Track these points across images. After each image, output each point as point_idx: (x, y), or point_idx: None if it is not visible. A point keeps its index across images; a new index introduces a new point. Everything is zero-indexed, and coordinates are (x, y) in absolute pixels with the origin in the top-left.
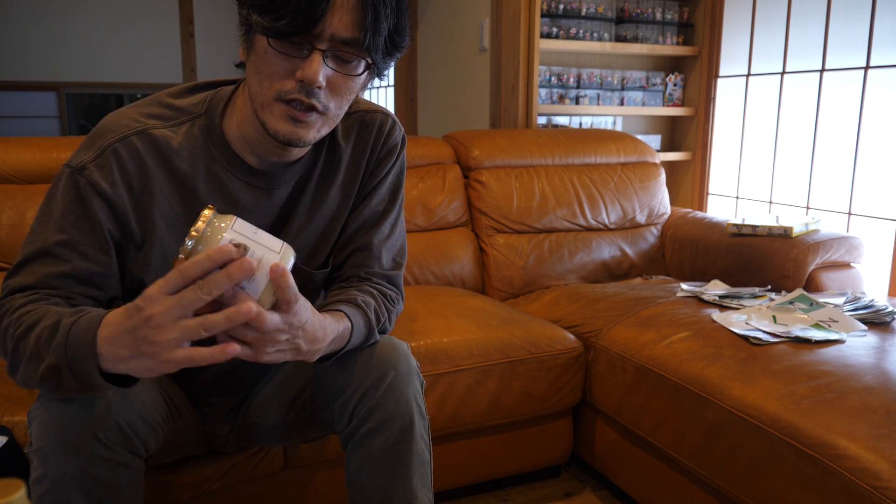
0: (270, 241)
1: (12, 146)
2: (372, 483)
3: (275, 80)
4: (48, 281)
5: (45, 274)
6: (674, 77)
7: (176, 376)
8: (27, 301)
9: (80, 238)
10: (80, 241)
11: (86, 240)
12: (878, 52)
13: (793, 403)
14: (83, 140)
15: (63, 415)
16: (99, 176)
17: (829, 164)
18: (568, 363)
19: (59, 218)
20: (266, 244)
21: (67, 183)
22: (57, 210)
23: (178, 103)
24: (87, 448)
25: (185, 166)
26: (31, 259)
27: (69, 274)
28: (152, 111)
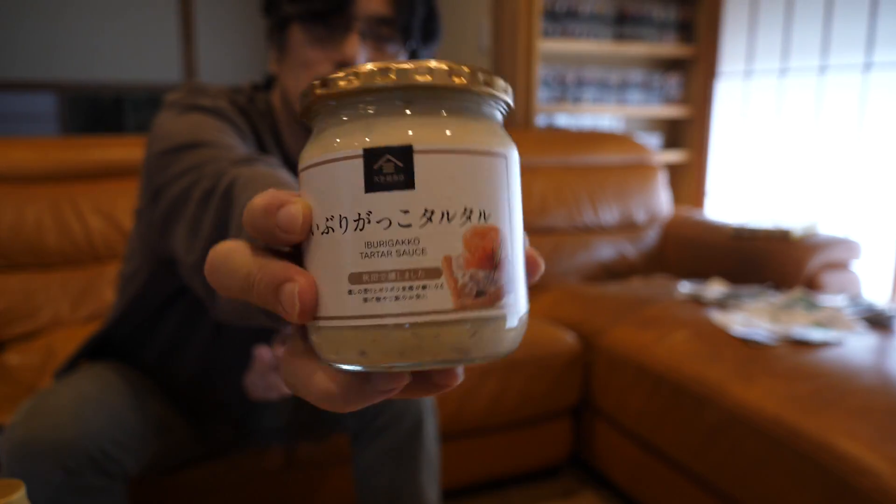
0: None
1: (12, 146)
2: (381, 480)
3: (312, 68)
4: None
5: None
6: (674, 77)
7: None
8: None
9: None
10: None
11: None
12: (878, 51)
13: (793, 403)
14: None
15: (30, 446)
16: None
17: (829, 164)
18: (568, 363)
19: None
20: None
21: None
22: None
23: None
24: (57, 478)
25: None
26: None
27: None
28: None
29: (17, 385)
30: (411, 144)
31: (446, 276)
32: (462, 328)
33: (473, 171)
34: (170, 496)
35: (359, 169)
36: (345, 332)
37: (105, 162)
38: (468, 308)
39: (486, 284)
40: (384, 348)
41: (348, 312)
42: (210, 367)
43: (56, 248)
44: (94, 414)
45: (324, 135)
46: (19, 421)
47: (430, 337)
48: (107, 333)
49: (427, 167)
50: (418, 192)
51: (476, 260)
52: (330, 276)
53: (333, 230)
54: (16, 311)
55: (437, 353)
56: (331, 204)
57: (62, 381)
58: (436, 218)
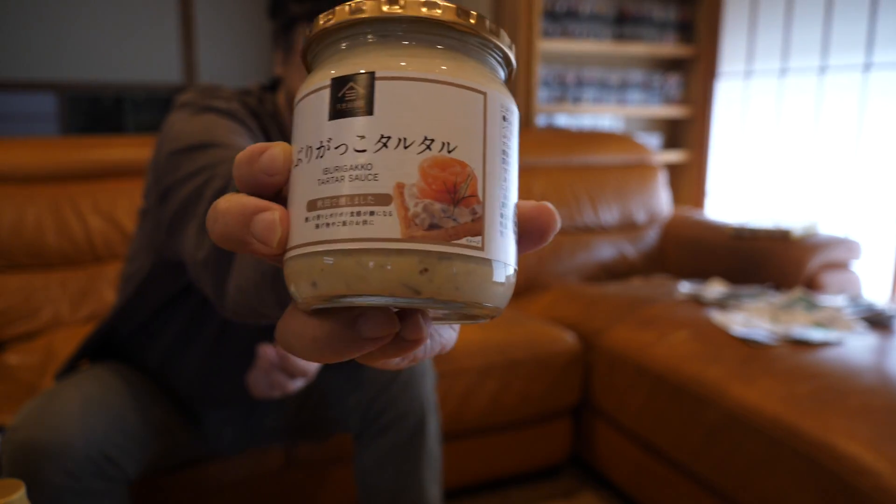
0: None
1: (12, 146)
2: (383, 478)
3: None
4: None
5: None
6: (674, 77)
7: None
8: None
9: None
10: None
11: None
12: (878, 51)
13: (793, 403)
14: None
15: (31, 448)
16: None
17: (829, 164)
18: (568, 363)
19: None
20: None
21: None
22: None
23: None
24: (58, 481)
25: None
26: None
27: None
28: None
29: (17, 385)
30: (374, 71)
31: (396, 204)
32: (410, 260)
33: (439, 101)
34: (170, 496)
35: (326, 98)
36: (300, 261)
37: (105, 162)
38: (417, 239)
39: (442, 218)
40: (331, 278)
41: (303, 240)
42: (212, 368)
43: (56, 248)
44: (95, 417)
45: (320, 66)
46: (20, 423)
47: (376, 267)
48: (105, 331)
49: (389, 94)
50: (376, 117)
51: (433, 191)
52: (294, 207)
53: (302, 161)
54: (16, 311)
55: (384, 286)
56: (302, 136)
57: (63, 382)
58: (391, 144)
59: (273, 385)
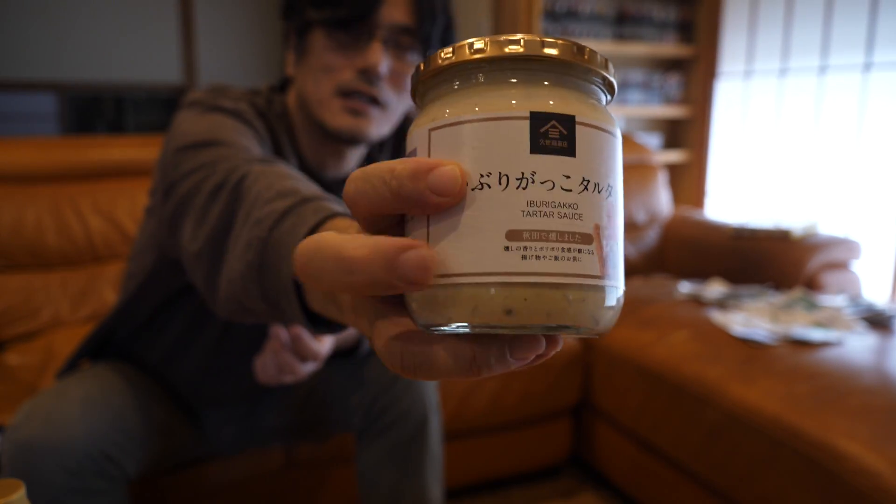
0: None
1: (12, 146)
2: (385, 478)
3: (333, 74)
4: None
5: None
6: (674, 77)
7: (180, 401)
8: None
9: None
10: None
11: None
12: (878, 51)
13: (793, 404)
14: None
15: (31, 447)
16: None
17: (829, 164)
18: (568, 363)
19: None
20: None
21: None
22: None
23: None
24: (58, 480)
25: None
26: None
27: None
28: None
29: (17, 385)
30: (574, 115)
31: (596, 244)
32: (602, 296)
33: (610, 149)
34: (170, 496)
35: (524, 130)
36: (493, 290)
37: (105, 162)
38: (608, 277)
39: (615, 257)
40: (534, 307)
41: (504, 269)
42: (213, 368)
43: (56, 248)
44: (95, 416)
45: (467, 94)
46: (20, 422)
47: (577, 300)
48: (107, 330)
49: (584, 139)
50: (578, 160)
51: (612, 233)
52: (481, 233)
53: (490, 186)
54: (16, 311)
55: (576, 318)
56: (488, 161)
57: (63, 381)
58: (591, 187)
59: (283, 368)
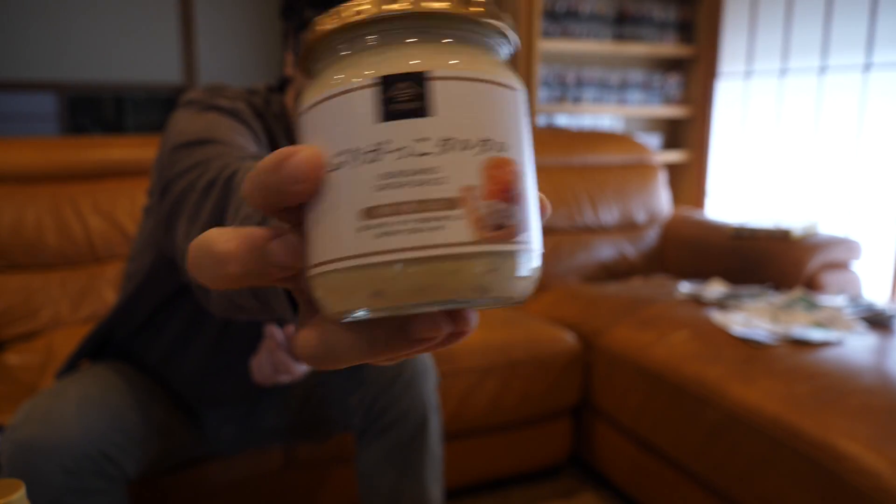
0: None
1: (12, 146)
2: (384, 478)
3: None
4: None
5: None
6: (674, 77)
7: (180, 402)
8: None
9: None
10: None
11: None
12: (878, 51)
13: (793, 404)
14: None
15: (30, 447)
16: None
17: (829, 164)
18: (568, 363)
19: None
20: None
21: None
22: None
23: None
24: (57, 479)
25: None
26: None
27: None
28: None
29: (17, 385)
30: (427, 70)
31: (466, 207)
32: (481, 262)
33: (489, 101)
34: (170, 496)
35: (372, 98)
36: (355, 273)
37: (105, 162)
38: (488, 241)
39: (505, 217)
40: (401, 286)
41: (360, 250)
42: (212, 367)
43: (56, 248)
44: (95, 416)
45: (327, 72)
46: (20, 422)
47: (448, 272)
48: (106, 330)
49: (444, 94)
50: (435, 119)
51: (495, 191)
52: (339, 215)
53: (345, 164)
54: (16, 311)
55: (456, 290)
56: (340, 139)
57: (63, 381)
58: (454, 146)
59: (279, 368)
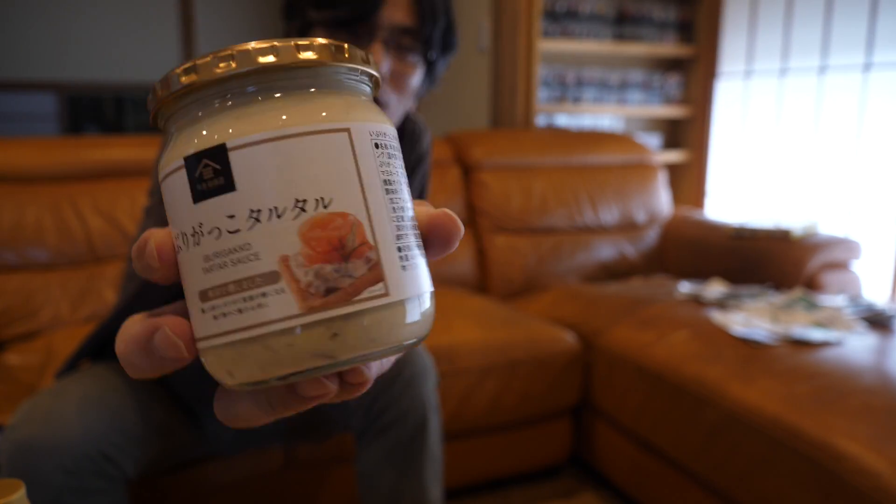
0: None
1: (12, 146)
2: (384, 478)
3: None
4: None
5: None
6: (674, 77)
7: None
8: None
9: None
10: None
11: None
12: (878, 51)
13: (793, 404)
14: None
15: (29, 447)
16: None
17: (829, 164)
18: (568, 363)
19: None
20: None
21: None
22: None
23: None
24: (56, 479)
25: None
26: None
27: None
28: None
29: (17, 385)
30: (224, 142)
31: (286, 279)
32: (317, 332)
33: (301, 156)
34: (170, 496)
35: (185, 179)
36: (209, 353)
37: (105, 162)
38: (317, 309)
39: (337, 279)
40: (244, 366)
41: (206, 332)
42: None
43: (56, 248)
44: (94, 415)
45: (166, 146)
46: (19, 421)
47: (283, 347)
48: (106, 332)
49: (244, 163)
50: (240, 192)
51: (320, 254)
52: (189, 297)
53: (182, 248)
54: (16, 311)
55: (298, 363)
56: (175, 220)
57: (63, 381)
58: (263, 217)
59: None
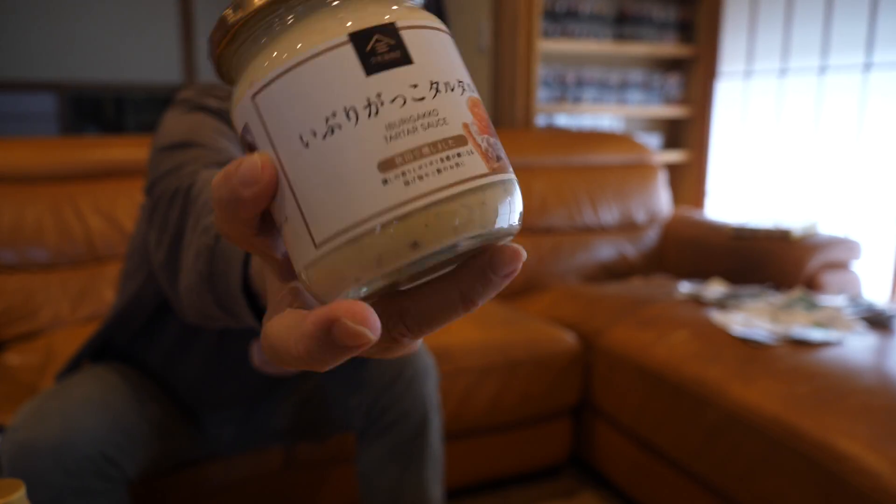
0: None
1: (12, 146)
2: (385, 478)
3: None
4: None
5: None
6: (674, 77)
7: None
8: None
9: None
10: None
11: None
12: (878, 51)
13: (793, 404)
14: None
15: (30, 448)
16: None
17: (829, 164)
18: (568, 363)
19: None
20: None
21: None
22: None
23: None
24: (57, 480)
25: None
26: None
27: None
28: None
29: (17, 385)
30: (395, 21)
31: (472, 143)
32: (498, 191)
33: (446, 46)
34: (170, 496)
35: (350, 55)
36: (391, 228)
37: (105, 162)
38: (497, 171)
39: (498, 150)
40: (439, 228)
41: (394, 201)
42: (212, 371)
43: (56, 248)
44: (95, 417)
45: (277, 43)
46: (20, 422)
47: (477, 204)
48: (107, 334)
49: (416, 42)
50: (418, 65)
51: (484, 127)
52: (353, 175)
53: (339, 127)
54: (16, 311)
55: (486, 222)
56: (326, 102)
57: (64, 382)
58: (442, 88)
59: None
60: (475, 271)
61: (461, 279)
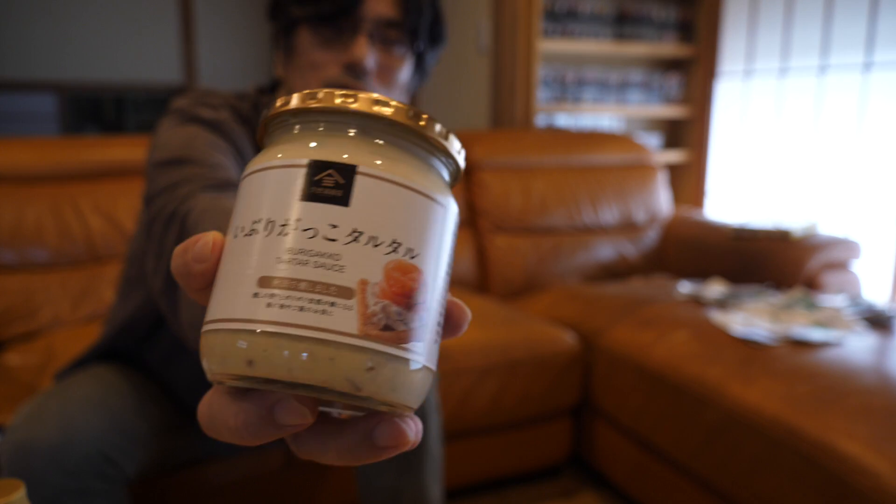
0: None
1: (12, 146)
2: (384, 479)
3: (320, 70)
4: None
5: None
6: (674, 77)
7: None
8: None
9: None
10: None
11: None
12: (878, 51)
13: (793, 404)
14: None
15: (30, 448)
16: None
17: (829, 164)
18: (568, 363)
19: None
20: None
21: None
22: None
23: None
24: (57, 481)
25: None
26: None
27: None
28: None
29: (17, 385)
30: (356, 164)
31: (358, 299)
32: (360, 358)
33: (409, 208)
34: (170, 496)
35: (299, 177)
36: (238, 336)
37: (105, 162)
38: (372, 339)
39: (396, 321)
40: (274, 360)
41: (247, 315)
42: None
43: (56, 248)
44: (95, 417)
45: (271, 147)
46: (20, 423)
47: (324, 358)
48: (111, 343)
49: (366, 190)
50: (351, 210)
51: (392, 293)
52: (238, 278)
53: (256, 232)
54: (16, 311)
55: (326, 379)
56: (261, 207)
57: (63, 382)
58: (362, 239)
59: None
60: (360, 431)
61: (358, 429)
